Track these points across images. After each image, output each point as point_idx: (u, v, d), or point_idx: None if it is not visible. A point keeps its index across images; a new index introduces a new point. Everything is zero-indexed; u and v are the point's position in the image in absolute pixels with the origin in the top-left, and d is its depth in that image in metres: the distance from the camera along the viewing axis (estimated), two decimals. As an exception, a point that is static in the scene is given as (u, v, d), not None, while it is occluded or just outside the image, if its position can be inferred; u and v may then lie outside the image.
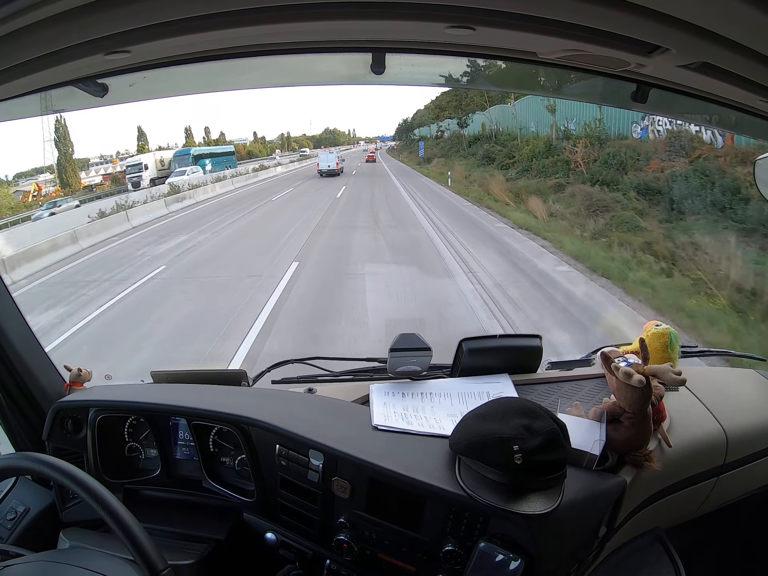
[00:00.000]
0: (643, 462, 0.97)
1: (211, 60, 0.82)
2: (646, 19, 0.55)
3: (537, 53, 0.78)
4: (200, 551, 1.06)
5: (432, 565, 0.92)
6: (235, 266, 8.09)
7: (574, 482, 0.89)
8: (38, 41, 0.61)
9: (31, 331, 1.27)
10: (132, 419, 1.23)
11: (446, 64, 0.94)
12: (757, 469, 1.21)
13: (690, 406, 1.20)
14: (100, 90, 0.85)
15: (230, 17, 0.63)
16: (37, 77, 0.72)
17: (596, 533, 0.95)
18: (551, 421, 0.86)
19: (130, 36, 0.64)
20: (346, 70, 0.96)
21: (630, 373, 0.91)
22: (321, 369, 1.34)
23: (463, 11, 0.63)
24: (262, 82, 1.08)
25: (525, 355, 1.26)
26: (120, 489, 1.18)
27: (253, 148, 54.87)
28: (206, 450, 1.18)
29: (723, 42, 0.59)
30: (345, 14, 0.65)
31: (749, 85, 0.74)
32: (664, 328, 1.14)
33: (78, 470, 0.80)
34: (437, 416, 1.09)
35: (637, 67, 0.76)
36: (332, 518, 1.01)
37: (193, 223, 13.20)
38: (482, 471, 0.85)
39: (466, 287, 6.43)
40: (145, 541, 0.74)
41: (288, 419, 1.06)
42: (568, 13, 0.59)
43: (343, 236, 9.97)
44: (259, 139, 58.66)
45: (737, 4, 0.50)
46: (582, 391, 1.19)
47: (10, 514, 1.14)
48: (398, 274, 7.05)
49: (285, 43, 0.80)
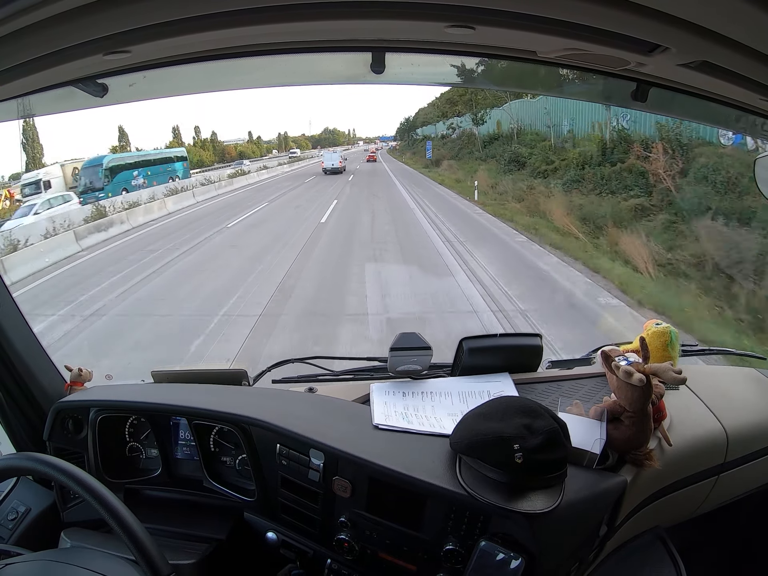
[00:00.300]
0: (643, 461, 0.97)
1: (211, 60, 0.82)
2: (646, 18, 0.55)
3: (537, 52, 0.78)
4: (201, 551, 1.06)
5: (433, 564, 0.92)
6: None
7: (575, 481, 0.89)
8: (38, 41, 0.61)
9: (31, 331, 1.27)
10: (133, 419, 1.23)
11: (446, 63, 0.94)
12: (758, 467, 1.21)
13: (690, 404, 1.20)
14: (100, 90, 0.86)
15: (230, 17, 0.63)
16: (37, 77, 0.72)
17: (597, 532, 0.95)
18: (552, 420, 0.86)
19: (130, 36, 0.64)
20: (346, 69, 0.96)
21: (630, 372, 0.91)
22: (321, 368, 1.35)
23: (463, 10, 0.63)
24: (262, 82, 1.08)
25: (525, 354, 1.26)
26: (121, 489, 1.18)
27: (245, 148, 51.67)
28: (207, 450, 1.18)
29: (723, 41, 0.59)
30: (345, 14, 0.65)
31: (749, 83, 0.74)
32: (665, 327, 1.15)
33: (79, 470, 0.80)
34: (438, 415, 1.09)
35: (637, 66, 0.76)
36: (333, 517, 1.01)
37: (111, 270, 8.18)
38: (483, 470, 0.85)
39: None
40: (149, 544, 0.74)
41: (288, 419, 1.06)
42: (568, 12, 0.59)
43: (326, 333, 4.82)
44: (254, 139, 55.46)
45: (737, 3, 0.50)
46: (582, 390, 1.19)
47: (11, 514, 1.14)
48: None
49: (285, 43, 0.80)
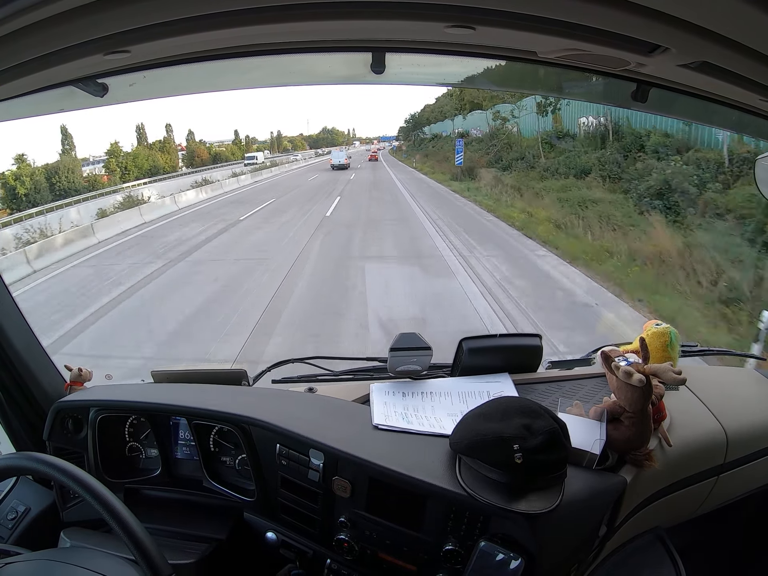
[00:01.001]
0: (643, 461, 0.97)
1: (210, 60, 0.82)
2: (646, 18, 0.55)
3: (537, 53, 0.78)
4: (201, 551, 1.06)
5: (432, 564, 0.92)
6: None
7: (575, 481, 0.89)
8: (38, 41, 0.61)
9: (31, 331, 1.27)
10: (132, 419, 1.23)
11: (446, 63, 0.94)
12: (758, 468, 1.21)
13: (690, 405, 1.20)
14: (100, 90, 0.86)
15: (230, 17, 0.63)
16: (37, 77, 0.72)
17: (597, 532, 0.95)
18: (551, 420, 0.86)
19: (130, 36, 0.63)
20: (346, 69, 0.96)
21: (630, 373, 0.91)
22: (321, 368, 1.35)
23: (463, 11, 0.63)
24: (262, 82, 1.08)
25: (525, 354, 1.26)
26: (121, 489, 1.18)
27: (225, 150, 43.50)
28: (207, 449, 1.18)
29: (723, 41, 0.59)
30: (345, 14, 0.65)
31: (749, 84, 0.74)
32: (665, 328, 1.15)
33: (79, 470, 0.79)
34: (437, 415, 1.09)
35: (637, 67, 0.76)
36: (333, 518, 1.01)
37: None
38: (483, 470, 0.85)
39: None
40: (148, 544, 0.74)
41: (288, 419, 1.06)
42: (568, 13, 0.59)
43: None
44: (238, 139, 48.09)
45: (737, 3, 0.50)
46: (582, 391, 1.19)
47: (10, 513, 1.14)
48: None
49: (285, 43, 0.80)
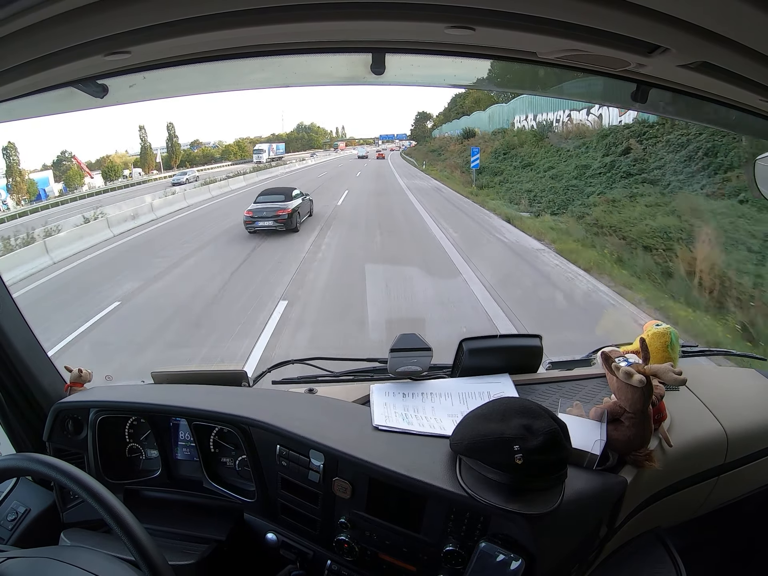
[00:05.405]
0: (643, 462, 0.97)
1: (211, 61, 0.82)
2: (646, 19, 0.55)
3: (537, 53, 0.78)
4: (201, 552, 1.06)
5: (433, 565, 0.92)
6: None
7: (575, 482, 0.88)
8: (38, 42, 0.61)
9: (31, 332, 1.27)
10: (132, 420, 1.23)
11: (446, 64, 0.94)
12: (758, 468, 1.21)
13: (690, 405, 1.19)
14: (100, 91, 0.86)
15: (230, 18, 0.63)
16: (37, 78, 0.72)
17: (597, 533, 0.95)
18: (552, 420, 0.86)
19: (130, 37, 0.64)
20: (346, 70, 0.96)
21: (630, 373, 0.91)
22: (321, 369, 1.35)
23: (463, 11, 0.63)
24: (262, 83, 1.08)
25: (525, 355, 1.26)
26: (121, 490, 1.17)
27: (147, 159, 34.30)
28: (207, 450, 1.18)
29: (723, 41, 0.59)
30: (345, 15, 0.65)
31: (749, 84, 0.74)
32: (665, 328, 1.15)
33: (79, 471, 0.79)
34: (438, 416, 1.09)
35: (637, 67, 0.76)
36: (333, 518, 1.01)
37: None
38: (483, 471, 0.85)
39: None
40: (148, 545, 0.74)
41: (288, 420, 1.06)
42: (568, 13, 0.59)
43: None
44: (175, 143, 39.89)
45: (737, 3, 0.50)
46: (582, 391, 1.19)
47: (10, 515, 1.14)
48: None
49: (285, 44, 0.80)
